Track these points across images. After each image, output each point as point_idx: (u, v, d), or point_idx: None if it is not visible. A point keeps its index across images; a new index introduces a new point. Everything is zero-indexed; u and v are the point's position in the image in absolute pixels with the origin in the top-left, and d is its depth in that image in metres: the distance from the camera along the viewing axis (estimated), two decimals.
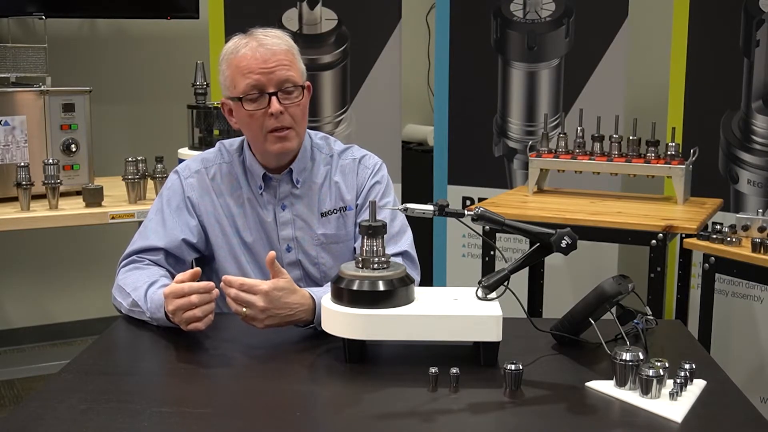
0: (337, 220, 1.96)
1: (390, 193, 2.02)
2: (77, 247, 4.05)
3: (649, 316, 1.69)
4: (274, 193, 1.94)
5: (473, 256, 3.67)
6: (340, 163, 1.99)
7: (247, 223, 1.94)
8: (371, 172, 2.00)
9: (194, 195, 1.94)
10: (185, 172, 1.97)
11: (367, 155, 2.03)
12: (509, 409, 1.38)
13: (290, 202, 1.95)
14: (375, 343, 1.60)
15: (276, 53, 1.84)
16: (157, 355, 1.65)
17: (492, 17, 3.58)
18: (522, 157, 3.56)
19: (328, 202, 1.96)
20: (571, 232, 1.56)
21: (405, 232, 1.97)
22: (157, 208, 1.95)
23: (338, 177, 1.98)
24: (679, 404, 1.36)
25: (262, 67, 1.83)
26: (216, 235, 1.94)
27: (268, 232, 1.94)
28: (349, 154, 2.01)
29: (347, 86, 3.70)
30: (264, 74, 1.83)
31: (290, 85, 1.85)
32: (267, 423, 1.35)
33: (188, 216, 1.93)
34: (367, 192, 1.98)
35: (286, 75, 1.84)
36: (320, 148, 2.00)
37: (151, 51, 4.06)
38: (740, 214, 2.52)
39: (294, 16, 3.61)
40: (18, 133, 2.89)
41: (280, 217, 1.94)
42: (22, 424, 1.32)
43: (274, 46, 1.85)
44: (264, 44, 1.84)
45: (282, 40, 1.87)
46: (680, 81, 3.24)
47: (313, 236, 1.95)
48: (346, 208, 1.97)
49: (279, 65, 1.83)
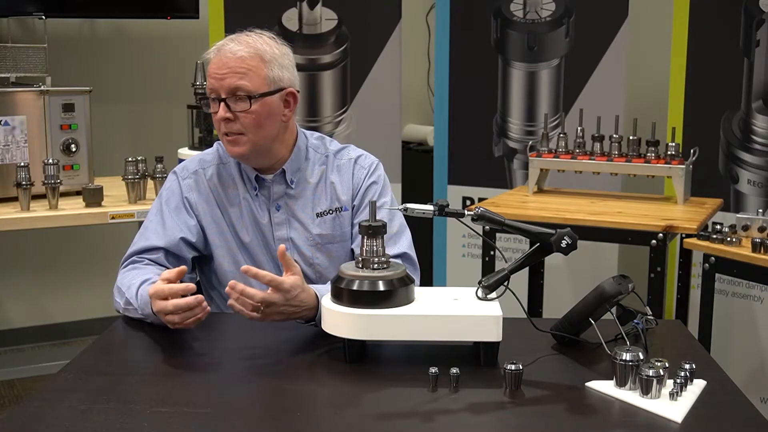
0: (332, 221, 1.96)
1: (387, 192, 2.01)
2: (77, 247, 4.05)
3: (649, 316, 1.69)
4: (268, 194, 1.95)
5: (473, 256, 3.67)
6: (336, 163, 1.99)
7: (243, 223, 1.94)
8: (367, 172, 1.99)
9: (192, 195, 1.94)
10: (183, 173, 1.97)
11: (363, 155, 2.02)
12: (509, 409, 1.38)
13: (285, 202, 1.95)
14: (375, 343, 1.60)
15: (230, 60, 1.82)
16: (157, 355, 1.65)
17: (492, 17, 3.58)
18: (522, 157, 3.56)
19: (324, 202, 1.96)
20: (571, 232, 1.56)
21: (403, 232, 1.97)
22: (156, 208, 1.96)
23: (334, 177, 1.98)
24: (679, 404, 1.36)
25: (216, 73, 1.84)
26: (213, 235, 1.94)
27: (264, 232, 1.94)
28: (344, 153, 2.01)
29: (347, 86, 3.70)
30: (217, 80, 1.83)
31: (241, 93, 1.83)
32: (267, 423, 1.35)
33: (187, 216, 1.93)
34: (363, 192, 1.98)
35: (236, 83, 1.82)
36: (316, 148, 2.00)
37: (151, 51, 4.06)
38: (740, 214, 2.52)
39: (294, 16, 3.61)
40: (18, 133, 2.88)
41: (274, 218, 1.94)
42: (22, 424, 1.31)
43: (231, 52, 1.83)
44: (225, 50, 1.84)
45: (249, 47, 1.84)
46: (680, 81, 3.24)
47: (309, 237, 1.95)
48: (341, 208, 1.97)
49: (231, 73, 1.82)
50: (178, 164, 2.04)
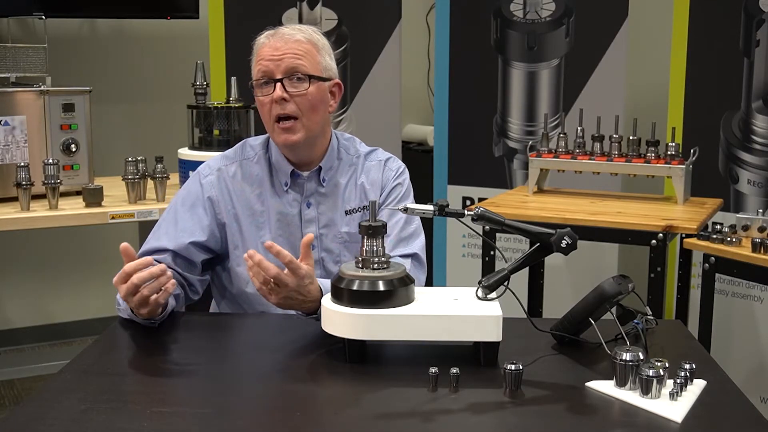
0: (361, 219, 1.97)
1: (409, 197, 2.04)
2: (77, 247, 4.05)
3: (649, 316, 1.69)
4: (300, 190, 1.95)
5: (473, 256, 3.67)
6: (366, 165, 2.01)
7: (268, 221, 1.94)
8: (395, 174, 2.02)
9: (214, 193, 1.93)
10: (205, 171, 1.97)
11: (392, 158, 2.06)
12: (509, 409, 1.38)
13: (316, 200, 1.96)
14: (375, 343, 1.60)
15: (288, 42, 1.86)
16: (157, 355, 1.65)
17: (492, 17, 3.58)
18: (522, 157, 3.56)
19: (353, 202, 1.98)
20: (571, 232, 1.56)
21: (418, 236, 2.00)
22: (172, 207, 1.96)
23: (364, 178, 2.00)
24: (679, 404, 1.36)
25: (272, 55, 1.85)
26: (234, 234, 1.93)
27: (291, 229, 1.94)
28: (374, 156, 2.04)
29: (347, 86, 3.70)
30: (273, 61, 1.85)
31: (299, 74, 1.85)
32: (267, 423, 1.35)
33: (203, 214, 1.92)
34: (389, 192, 2.00)
35: (294, 63, 1.85)
36: (347, 149, 2.02)
37: (151, 51, 4.06)
38: (740, 214, 2.52)
39: (294, 16, 3.61)
40: (18, 133, 2.88)
41: (305, 215, 1.95)
42: (22, 424, 1.31)
43: (288, 35, 1.86)
44: (280, 33, 1.87)
45: (304, 32, 1.89)
46: (680, 81, 3.24)
47: (337, 234, 1.96)
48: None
49: (289, 53, 1.85)
50: (179, 164, 2.04)
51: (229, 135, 3.02)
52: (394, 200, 1.99)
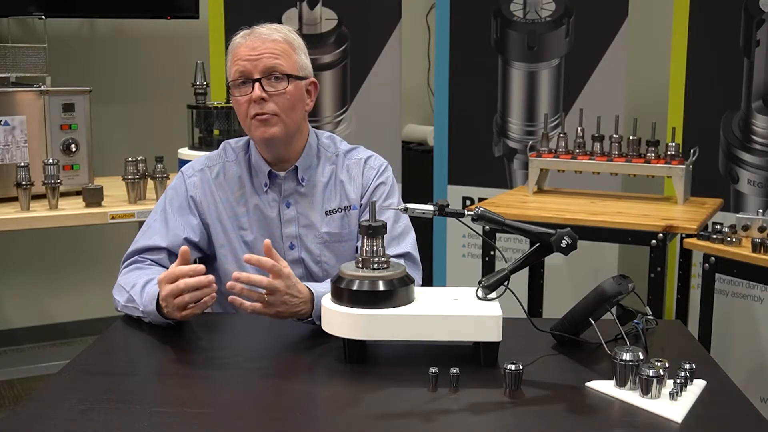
0: (341, 219, 1.97)
1: (394, 194, 2.02)
2: (77, 247, 4.05)
3: (649, 316, 1.69)
4: (278, 191, 1.95)
5: (473, 256, 3.67)
6: (346, 163, 2.00)
7: (249, 222, 1.94)
8: (377, 172, 2.01)
9: (197, 194, 1.95)
10: (188, 171, 1.98)
11: (373, 156, 2.04)
12: (509, 409, 1.38)
13: (295, 199, 1.95)
14: (375, 343, 1.60)
15: (265, 41, 1.86)
16: (157, 355, 1.65)
17: (492, 17, 3.58)
18: (522, 157, 3.56)
19: (333, 201, 1.97)
20: (571, 232, 1.56)
21: (408, 233, 1.98)
22: (160, 207, 1.96)
23: (344, 176, 1.99)
24: (679, 404, 1.36)
25: (250, 54, 1.85)
26: (218, 233, 1.94)
27: (272, 229, 1.94)
28: (354, 154, 2.02)
29: (347, 86, 3.70)
30: (250, 61, 1.85)
31: (277, 74, 1.85)
32: (267, 423, 1.35)
33: (190, 215, 1.93)
34: (371, 192, 1.99)
35: (272, 63, 1.85)
36: (326, 147, 2.01)
37: (151, 51, 4.06)
38: (740, 214, 2.51)
39: (294, 16, 3.61)
40: (18, 133, 2.88)
41: (284, 215, 1.95)
42: (22, 424, 1.31)
43: (265, 35, 1.86)
44: (256, 33, 1.87)
45: (280, 32, 1.89)
46: (680, 81, 3.24)
47: (317, 234, 1.96)
48: (350, 207, 1.97)
49: (266, 53, 1.85)
50: (179, 164, 2.04)
51: (229, 135, 3.02)
52: (378, 200, 1.98)
